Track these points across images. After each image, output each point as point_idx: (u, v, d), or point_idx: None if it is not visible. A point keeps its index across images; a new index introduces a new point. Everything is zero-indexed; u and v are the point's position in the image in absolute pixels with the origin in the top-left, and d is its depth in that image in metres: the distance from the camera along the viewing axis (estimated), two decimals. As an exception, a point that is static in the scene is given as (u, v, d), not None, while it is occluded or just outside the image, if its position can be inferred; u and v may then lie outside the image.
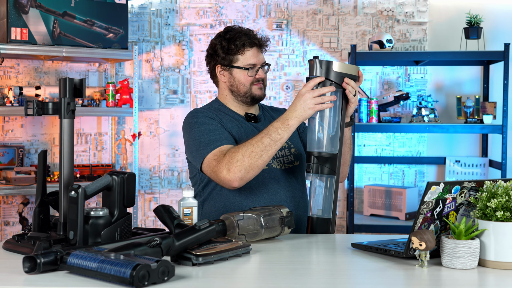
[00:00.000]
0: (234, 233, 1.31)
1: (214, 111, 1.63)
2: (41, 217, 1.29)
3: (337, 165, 1.47)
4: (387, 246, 1.27)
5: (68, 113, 1.25)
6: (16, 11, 2.45)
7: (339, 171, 1.48)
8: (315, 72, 1.44)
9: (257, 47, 1.62)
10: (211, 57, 1.66)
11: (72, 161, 1.27)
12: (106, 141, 2.91)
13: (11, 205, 2.76)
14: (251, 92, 1.62)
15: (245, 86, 1.62)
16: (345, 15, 2.90)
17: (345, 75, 1.44)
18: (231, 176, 1.42)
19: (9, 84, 2.72)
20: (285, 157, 1.62)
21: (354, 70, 1.46)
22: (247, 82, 1.61)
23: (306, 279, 1.09)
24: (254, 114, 1.66)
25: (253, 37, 1.62)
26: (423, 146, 2.93)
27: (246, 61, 1.61)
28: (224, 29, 1.65)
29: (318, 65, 1.43)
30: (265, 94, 1.65)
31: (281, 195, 1.56)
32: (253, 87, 1.62)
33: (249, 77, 1.61)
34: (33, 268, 1.07)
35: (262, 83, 1.64)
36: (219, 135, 1.52)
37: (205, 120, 1.56)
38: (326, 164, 1.45)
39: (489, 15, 2.80)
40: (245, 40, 1.60)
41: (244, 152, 1.42)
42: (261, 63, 1.63)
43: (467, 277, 1.11)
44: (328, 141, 1.46)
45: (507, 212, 1.14)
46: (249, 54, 1.61)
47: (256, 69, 1.61)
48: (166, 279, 1.03)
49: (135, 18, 2.91)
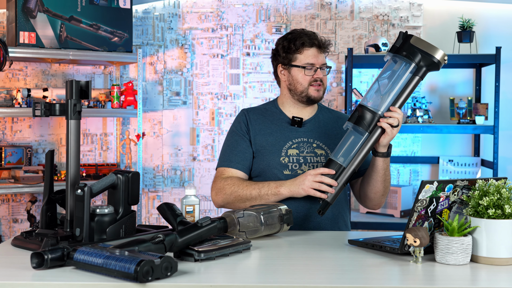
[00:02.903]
0: (235, 230, 1.33)
1: (260, 112, 1.67)
2: (48, 214, 1.31)
3: (340, 177, 1.42)
4: (383, 243, 1.28)
5: (75, 114, 1.27)
6: (24, 15, 2.50)
7: (342, 185, 1.42)
8: (395, 42, 1.41)
9: (317, 47, 1.60)
10: (274, 57, 1.67)
11: (78, 161, 1.29)
12: (111, 141, 2.96)
13: (20, 203, 2.80)
14: (307, 92, 1.61)
15: (302, 85, 1.61)
16: (342, 20, 2.94)
17: (419, 50, 1.35)
18: (216, 199, 1.60)
19: (18, 86, 2.76)
20: (320, 164, 1.59)
21: (433, 51, 1.37)
22: (304, 82, 1.61)
23: (304, 274, 1.10)
24: (301, 119, 1.63)
25: (314, 37, 1.61)
26: (418, 146, 2.96)
27: (305, 60, 1.60)
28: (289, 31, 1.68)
29: (399, 37, 1.40)
30: (322, 96, 1.63)
31: (300, 200, 1.54)
32: (310, 88, 1.61)
33: (306, 76, 1.60)
34: (41, 263, 1.09)
35: (321, 85, 1.61)
36: (234, 156, 1.61)
37: (234, 129, 1.65)
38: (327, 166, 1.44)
39: (481, 20, 2.83)
40: (305, 39, 1.60)
41: (233, 191, 1.55)
42: (320, 64, 1.61)
43: (460, 272, 1.12)
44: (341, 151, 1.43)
45: (499, 210, 1.15)
46: (307, 54, 1.60)
47: (315, 69, 1.60)
48: (169, 274, 1.04)
49: (139, 23, 2.95)
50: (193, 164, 2.99)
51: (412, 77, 1.40)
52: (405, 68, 1.40)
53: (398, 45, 1.40)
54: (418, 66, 1.39)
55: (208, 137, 2.99)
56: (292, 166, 1.59)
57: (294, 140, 1.63)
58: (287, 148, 1.61)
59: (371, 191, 1.57)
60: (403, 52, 1.38)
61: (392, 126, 1.41)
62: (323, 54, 1.63)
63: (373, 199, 1.59)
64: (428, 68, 1.40)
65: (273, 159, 1.60)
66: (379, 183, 1.54)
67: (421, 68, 1.39)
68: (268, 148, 1.61)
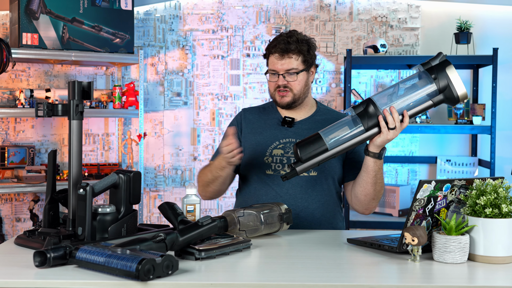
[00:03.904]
0: (235, 229, 1.34)
1: (257, 111, 1.69)
2: (51, 213, 1.32)
3: (318, 156, 1.36)
4: (381, 242, 1.29)
5: (77, 114, 1.29)
6: (27, 17, 2.51)
7: (316, 163, 1.37)
8: (432, 60, 1.37)
9: (279, 53, 1.56)
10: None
11: (80, 160, 1.30)
12: (113, 141, 2.97)
13: (22, 202, 2.82)
14: (275, 98, 1.61)
15: (270, 91, 1.62)
16: (341, 21, 2.96)
17: (449, 80, 1.33)
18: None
19: (21, 87, 2.78)
20: None
21: (460, 87, 1.34)
22: (271, 88, 1.61)
23: (304, 272, 1.11)
24: (292, 119, 1.61)
25: (276, 43, 1.56)
26: (416, 146, 2.97)
27: (269, 67, 1.60)
28: None
29: (438, 57, 1.37)
30: (291, 101, 1.58)
31: (281, 201, 1.55)
32: (276, 94, 1.59)
33: (271, 82, 1.59)
34: (44, 262, 1.10)
35: (288, 91, 1.57)
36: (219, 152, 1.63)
37: (229, 127, 1.66)
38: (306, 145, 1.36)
39: (478, 21, 2.84)
40: (270, 45, 1.59)
41: (199, 181, 1.64)
42: (283, 70, 1.56)
43: (457, 271, 1.13)
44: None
45: (496, 209, 1.16)
46: (271, 60, 1.59)
47: (277, 75, 1.57)
48: (170, 273, 1.05)
49: (141, 24, 2.97)
50: (194, 164, 3.00)
51: (427, 100, 1.38)
52: (426, 89, 1.37)
53: (433, 64, 1.37)
54: (439, 93, 1.37)
55: (209, 137, 3.00)
56: (275, 166, 1.59)
57: (282, 140, 1.62)
58: (273, 148, 1.61)
59: (361, 193, 1.53)
60: (433, 75, 1.36)
61: (389, 127, 1.38)
62: (289, 59, 1.56)
63: (363, 202, 1.54)
64: (446, 100, 1.37)
65: (256, 158, 1.61)
66: (369, 185, 1.50)
67: (440, 97, 1.37)
68: (255, 147, 1.62)
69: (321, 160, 1.39)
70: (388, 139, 1.40)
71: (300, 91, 1.59)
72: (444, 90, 1.36)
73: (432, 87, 1.37)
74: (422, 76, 1.39)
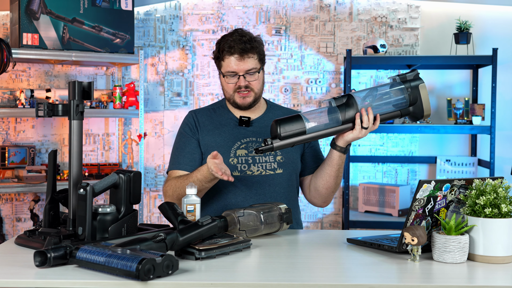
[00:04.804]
0: (235, 229, 1.34)
1: (208, 113, 1.65)
2: (51, 213, 1.32)
3: (294, 137, 1.38)
4: (381, 241, 1.29)
5: (77, 114, 1.29)
6: (27, 17, 2.51)
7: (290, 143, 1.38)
8: (408, 74, 1.46)
9: (238, 54, 1.53)
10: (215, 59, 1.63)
11: (80, 160, 1.30)
12: (113, 141, 2.98)
13: (23, 202, 2.82)
14: (234, 99, 1.58)
15: (228, 93, 1.59)
16: (341, 21, 2.96)
17: (420, 98, 1.43)
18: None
19: (21, 87, 2.78)
20: (268, 163, 1.58)
21: (427, 107, 1.44)
22: (229, 89, 1.58)
23: (304, 272, 1.11)
24: (248, 118, 1.60)
25: (233, 45, 1.53)
26: (415, 146, 2.98)
27: (226, 69, 1.56)
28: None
29: (415, 74, 1.46)
30: (252, 101, 1.58)
31: (250, 201, 1.54)
32: (236, 95, 1.57)
33: (229, 84, 1.57)
34: (44, 262, 1.10)
35: (249, 91, 1.56)
36: (182, 158, 1.59)
37: (182, 131, 1.63)
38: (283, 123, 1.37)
39: (478, 21, 2.85)
40: (224, 47, 1.54)
41: (174, 191, 1.54)
42: (243, 71, 1.54)
43: (457, 270, 1.13)
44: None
45: (495, 209, 1.17)
46: (228, 62, 1.55)
47: (238, 76, 1.55)
48: (171, 272, 1.05)
49: (141, 24, 2.98)
50: (194, 164, 3.01)
51: (397, 110, 1.47)
52: (398, 99, 1.47)
53: (408, 79, 1.46)
54: (408, 106, 1.46)
55: (209, 138, 3.01)
56: (241, 167, 1.57)
57: (243, 140, 1.60)
58: (236, 149, 1.59)
59: (323, 186, 1.56)
60: (408, 89, 1.45)
61: (362, 126, 1.43)
62: (248, 59, 1.54)
63: (323, 195, 1.58)
64: (413, 114, 1.47)
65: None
66: (332, 179, 1.54)
67: (408, 110, 1.47)
68: (217, 149, 1.57)
69: (295, 142, 1.41)
70: (359, 137, 1.45)
71: (260, 90, 1.60)
72: (413, 106, 1.46)
73: (404, 99, 1.46)
74: (397, 86, 1.48)
